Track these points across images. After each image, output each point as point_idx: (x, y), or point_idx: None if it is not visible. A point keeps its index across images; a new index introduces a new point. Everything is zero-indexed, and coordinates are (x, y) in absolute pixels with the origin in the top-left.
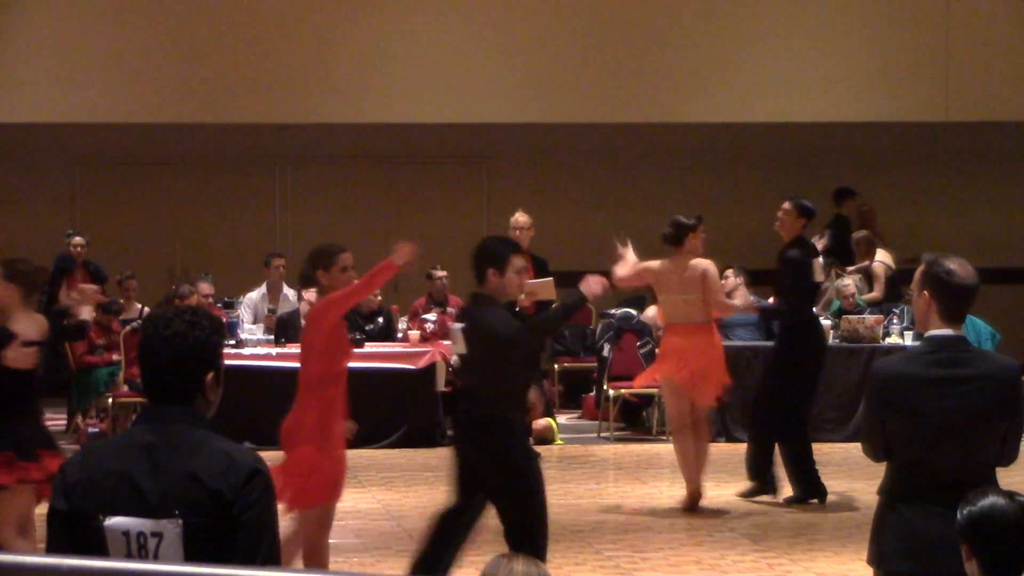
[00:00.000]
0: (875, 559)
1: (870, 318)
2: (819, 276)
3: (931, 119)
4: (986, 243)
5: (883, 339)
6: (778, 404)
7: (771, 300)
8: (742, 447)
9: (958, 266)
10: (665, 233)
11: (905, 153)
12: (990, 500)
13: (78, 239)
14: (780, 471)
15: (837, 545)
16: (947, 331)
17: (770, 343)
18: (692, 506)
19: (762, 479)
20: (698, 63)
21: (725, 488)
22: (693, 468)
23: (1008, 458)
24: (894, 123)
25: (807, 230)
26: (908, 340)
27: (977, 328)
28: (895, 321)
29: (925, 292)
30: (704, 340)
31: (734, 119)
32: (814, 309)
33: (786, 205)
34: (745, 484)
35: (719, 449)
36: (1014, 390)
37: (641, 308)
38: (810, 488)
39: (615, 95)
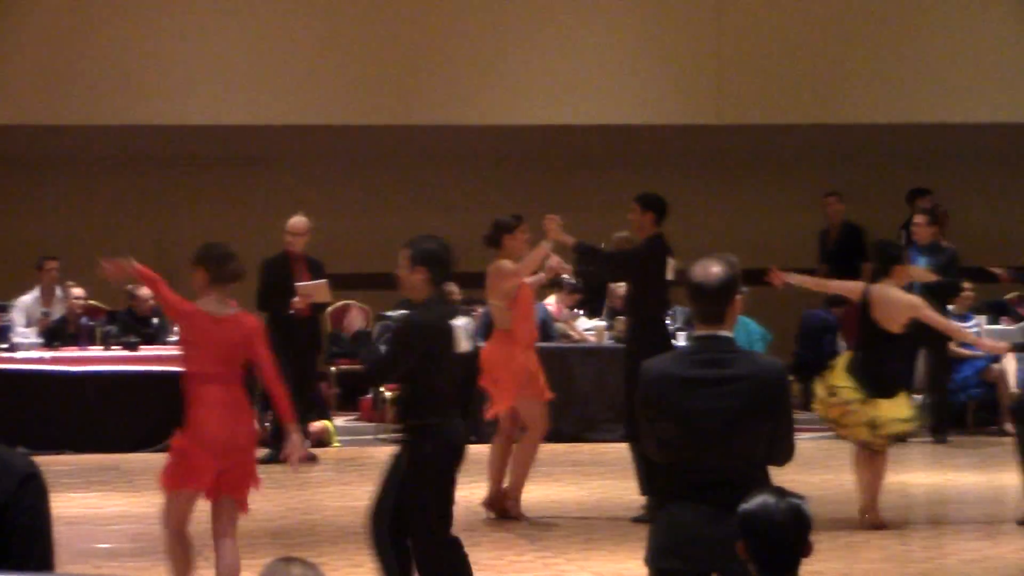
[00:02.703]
0: (647, 557)
1: None
2: (670, 274)
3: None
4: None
5: None
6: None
7: None
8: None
9: (700, 268)
10: (485, 235)
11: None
12: (761, 499)
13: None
14: None
15: (612, 544)
16: (711, 331)
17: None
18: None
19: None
20: (492, 65)
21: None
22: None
23: (782, 457)
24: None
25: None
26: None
27: (749, 329)
28: (668, 322)
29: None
30: (501, 349)
31: (528, 121)
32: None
33: None
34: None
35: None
36: (777, 391)
37: None
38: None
39: (399, 97)
